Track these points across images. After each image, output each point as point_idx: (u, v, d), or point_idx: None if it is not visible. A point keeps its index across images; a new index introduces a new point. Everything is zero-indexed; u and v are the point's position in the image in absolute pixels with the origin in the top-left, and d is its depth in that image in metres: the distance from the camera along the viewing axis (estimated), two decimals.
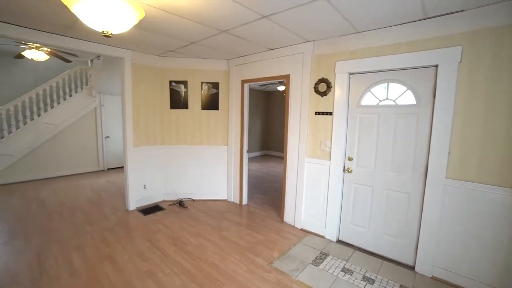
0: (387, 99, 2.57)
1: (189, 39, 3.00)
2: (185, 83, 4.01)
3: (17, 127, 5.28)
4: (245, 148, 3.99)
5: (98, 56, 5.61)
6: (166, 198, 4.23)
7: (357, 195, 2.84)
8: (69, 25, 2.64)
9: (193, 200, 4.23)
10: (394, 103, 2.52)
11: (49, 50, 4.27)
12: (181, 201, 4.04)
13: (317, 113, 3.05)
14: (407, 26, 2.31)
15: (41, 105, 5.49)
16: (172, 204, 4.04)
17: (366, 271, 2.45)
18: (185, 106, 4.05)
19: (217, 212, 3.80)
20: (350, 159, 2.85)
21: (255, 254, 2.71)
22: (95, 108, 6.22)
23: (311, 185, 3.18)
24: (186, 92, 4.03)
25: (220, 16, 2.30)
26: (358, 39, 2.63)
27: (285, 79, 3.37)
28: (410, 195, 2.47)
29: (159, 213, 3.72)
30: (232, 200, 4.25)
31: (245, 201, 4.14)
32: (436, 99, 2.22)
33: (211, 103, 4.08)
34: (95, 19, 1.43)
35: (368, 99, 2.71)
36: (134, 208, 3.83)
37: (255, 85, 3.97)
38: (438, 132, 2.22)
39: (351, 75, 2.77)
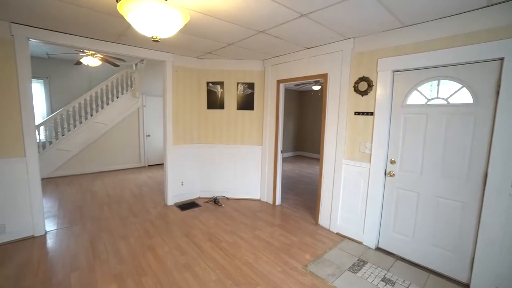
0: (437, 97, 2.36)
1: (227, 40, 3.07)
2: (221, 84, 4.12)
3: (74, 126, 5.90)
4: (280, 148, 3.97)
5: (142, 60, 6.03)
6: (202, 195, 4.39)
7: (400, 201, 2.65)
8: (120, 33, 2.87)
9: (227, 198, 4.33)
10: (446, 102, 2.30)
11: (101, 56, 4.70)
12: (215, 199, 4.16)
13: (357, 113, 2.92)
14: (465, 16, 2.09)
15: (94, 105, 6.07)
16: (207, 202, 4.18)
17: (410, 283, 2.27)
18: (221, 106, 4.16)
19: (251, 211, 3.84)
20: (392, 162, 2.67)
21: (289, 256, 2.68)
22: (138, 108, 6.70)
23: (348, 188, 3.05)
24: (222, 93, 4.14)
25: (258, 17, 2.31)
26: (404, 33, 2.45)
27: (322, 78, 3.28)
28: (464, 204, 2.23)
29: (195, 209, 3.87)
30: (265, 200, 4.26)
31: (278, 201, 4.12)
32: (499, 98, 1.97)
33: (246, 103, 4.13)
34: (146, 26, 1.54)
35: (415, 98, 2.51)
36: (172, 204, 4.04)
37: (289, 85, 3.93)
38: (501, 135, 1.97)
39: (395, 73, 2.60)
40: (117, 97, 6.39)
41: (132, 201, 4.18)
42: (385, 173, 2.74)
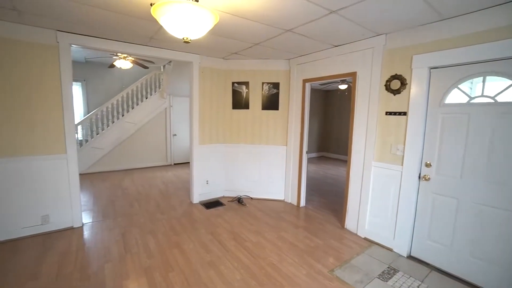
0: (482, 95, 2.17)
1: (253, 40, 3.07)
2: (246, 84, 4.14)
3: (107, 125, 6.27)
4: (305, 149, 3.89)
5: (169, 62, 6.25)
6: (226, 194, 4.44)
7: (437, 207, 2.47)
8: (150, 36, 2.98)
9: (251, 198, 4.34)
10: (493, 101, 2.10)
11: (132, 59, 4.94)
12: (239, 198, 4.18)
13: (388, 113, 2.77)
14: None
15: (125, 106, 6.39)
16: (232, 201, 4.22)
17: None
18: (246, 106, 4.18)
19: (275, 212, 3.81)
20: (428, 165, 2.50)
21: (314, 259, 2.61)
22: (165, 108, 6.95)
23: (378, 192, 2.91)
24: (247, 93, 4.15)
25: (286, 15, 2.28)
26: (443, 27, 2.28)
27: (351, 77, 3.17)
28: None
29: (219, 208, 3.92)
30: (289, 201, 4.21)
31: (302, 203, 4.05)
32: None
33: (271, 103, 4.11)
34: (178, 27, 1.58)
35: (455, 97, 2.33)
36: (198, 202, 4.13)
37: (314, 84, 3.84)
38: None
39: (432, 70, 2.43)
40: (146, 98, 6.68)
41: (159, 198, 4.34)
42: (419, 177, 2.57)
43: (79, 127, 5.95)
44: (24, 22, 2.62)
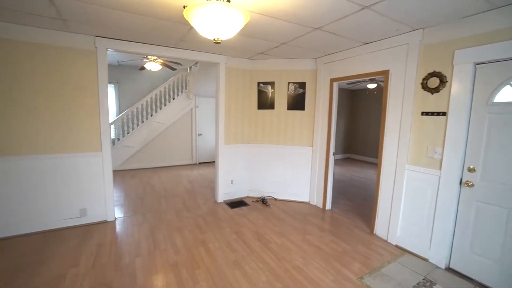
0: None
1: (280, 40, 3.04)
2: (272, 84, 4.11)
3: (137, 125, 6.57)
4: (332, 150, 3.78)
5: (196, 63, 6.40)
6: (250, 195, 4.44)
7: (481, 216, 2.26)
8: (180, 38, 3.06)
9: (275, 199, 4.30)
10: None
11: (161, 61, 5.13)
12: (264, 199, 4.16)
13: (424, 114, 2.59)
14: None
15: (153, 106, 6.66)
16: (256, 201, 4.21)
17: None
18: (271, 106, 4.15)
19: (300, 214, 3.74)
20: (471, 170, 2.30)
21: (342, 264, 2.52)
22: (191, 109, 7.13)
23: (412, 197, 2.73)
24: (273, 93, 4.12)
25: (315, 13, 2.22)
26: (493, 17, 2.07)
27: (382, 76, 3.01)
28: None
29: (244, 208, 3.93)
30: (314, 203, 4.11)
31: (328, 206, 3.93)
32: None
33: (297, 103, 4.04)
34: (210, 28, 1.60)
35: (505, 95, 2.11)
36: (222, 201, 4.18)
37: (341, 83, 3.71)
38: None
39: (478, 66, 2.23)
40: (173, 99, 6.90)
41: (185, 196, 4.46)
42: (461, 183, 2.37)
43: (112, 127, 6.30)
44: (67, 30, 2.82)
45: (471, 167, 2.29)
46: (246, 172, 4.38)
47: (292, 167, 4.19)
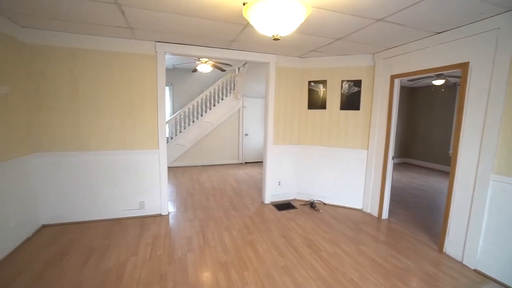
0: None
1: (335, 35, 2.85)
2: (324, 82, 3.91)
3: (188, 124, 6.94)
4: (391, 154, 3.42)
5: (244, 64, 6.48)
6: (298, 197, 4.30)
7: None
8: (232, 39, 3.09)
9: (324, 203, 4.08)
10: None
11: (212, 63, 5.30)
12: (312, 203, 3.98)
13: None
14: None
15: (203, 107, 6.96)
16: (304, 205, 4.05)
17: None
18: (322, 106, 3.95)
19: (352, 222, 3.47)
20: None
21: (405, 284, 2.22)
22: (239, 109, 7.26)
23: (498, 214, 2.28)
24: (324, 92, 3.92)
25: (380, 2, 1.99)
26: None
27: (458, 70, 2.59)
28: None
29: (291, 211, 3.82)
30: (368, 211, 3.78)
31: (385, 215, 3.57)
32: None
33: (351, 102, 3.76)
34: (269, 24, 1.54)
35: None
36: (269, 202, 4.12)
37: (403, 80, 3.33)
38: None
39: None
40: (222, 99, 7.11)
41: (232, 195, 4.52)
42: None
43: (166, 126, 6.77)
44: (133, 37, 3.07)
45: None
46: (294, 174, 4.25)
47: (344, 170, 3.92)
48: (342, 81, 3.79)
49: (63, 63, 2.99)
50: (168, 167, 6.58)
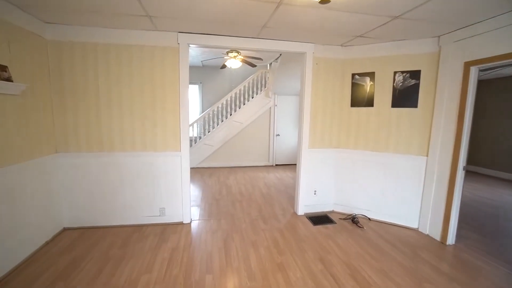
0: None
1: (392, 12, 2.24)
2: (371, 75, 3.27)
3: (217, 124, 6.66)
4: (462, 163, 2.68)
5: (276, 59, 6.00)
6: (336, 209, 3.71)
7: None
8: (263, 25, 2.63)
9: (369, 218, 3.44)
10: None
11: (242, 57, 4.91)
12: (354, 217, 3.37)
13: None
14: None
15: (233, 105, 6.63)
16: (344, 219, 3.45)
17: None
18: (369, 103, 3.31)
19: (407, 245, 2.80)
20: None
21: None
22: (270, 108, 6.79)
23: None
24: (372, 86, 3.28)
25: None
26: None
27: None
28: None
29: (329, 226, 3.26)
30: (426, 232, 3.06)
31: (451, 239, 2.84)
32: None
33: (406, 98, 3.08)
34: None
35: None
36: (303, 214, 3.60)
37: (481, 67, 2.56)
38: None
39: None
40: (252, 97, 6.72)
41: (261, 202, 4.08)
42: None
43: (195, 125, 6.56)
44: (153, 28, 2.79)
45: None
46: (333, 182, 3.66)
47: (395, 180, 3.24)
48: (395, 73, 3.12)
49: (86, 60, 2.82)
50: (196, 168, 6.38)
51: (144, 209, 3.16)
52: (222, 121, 6.64)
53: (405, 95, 3.08)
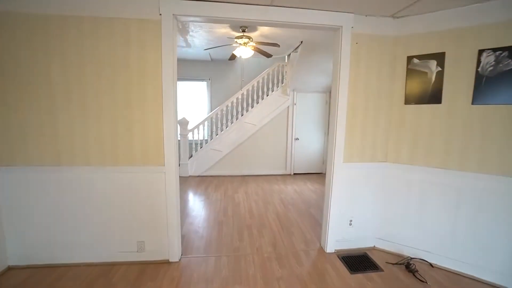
0: None
1: None
2: (439, 57, 2.23)
3: (226, 126, 5.79)
4: None
5: (296, 48, 5.04)
6: (379, 245, 2.69)
7: None
8: None
9: (431, 265, 2.39)
10: None
11: (254, 45, 4.02)
12: (409, 263, 2.34)
13: None
14: None
15: (244, 104, 5.73)
16: (394, 264, 2.43)
17: None
18: (434, 98, 2.28)
19: None
20: None
21: None
22: (288, 107, 5.84)
23: None
24: (439, 74, 2.24)
25: None
26: None
27: None
28: None
29: (372, 275, 2.26)
30: None
31: None
32: None
33: (502, 90, 2.02)
34: None
35: None
36: (333, 251, 2.62)
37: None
38: None
39: None
40: (267, 95, 5.79)
41: (276, 229, 3.15)
42: None
43: (201, 127, 5.74)
44: None
45: None
46: (377, 209, 2.65)
47: (475, 213, 2.19)
48: (481, 52, 2.07)
49: (33, 39, 2.04)
50: (201, 176, 5.56)
51: (116, 243, 2.34)
52: (232, 122, 5.77)
53: (499, 85, 2.02)
